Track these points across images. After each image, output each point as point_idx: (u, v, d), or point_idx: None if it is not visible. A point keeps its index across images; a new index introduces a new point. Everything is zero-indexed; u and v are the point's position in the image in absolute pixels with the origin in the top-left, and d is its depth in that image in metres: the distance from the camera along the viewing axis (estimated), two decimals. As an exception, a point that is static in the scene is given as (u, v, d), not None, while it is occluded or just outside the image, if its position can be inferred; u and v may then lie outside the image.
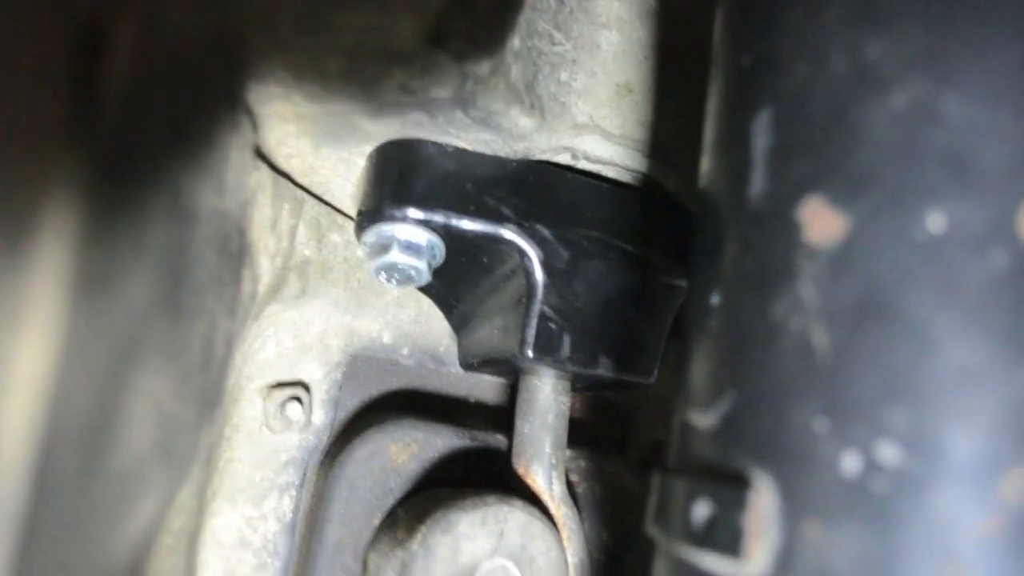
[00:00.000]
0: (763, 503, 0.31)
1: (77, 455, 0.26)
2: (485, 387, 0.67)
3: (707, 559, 0.32)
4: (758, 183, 0.34)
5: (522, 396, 0.60)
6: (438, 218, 0.52)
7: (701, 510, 0.33)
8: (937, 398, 0.28)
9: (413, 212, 0.52)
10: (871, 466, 0.29)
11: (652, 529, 0.37)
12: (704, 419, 0.34)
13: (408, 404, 0.63)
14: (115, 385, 0.29)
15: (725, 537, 0.31)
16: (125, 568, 0.38)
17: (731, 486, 0.32)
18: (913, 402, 0.28)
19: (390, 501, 0.58)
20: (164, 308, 0.32)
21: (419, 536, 0.51)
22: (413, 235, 0.52)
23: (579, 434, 0.64)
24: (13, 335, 0.22)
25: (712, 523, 0.32)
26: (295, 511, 0.59)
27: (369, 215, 0.53)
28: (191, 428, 0.45)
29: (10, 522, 0.22)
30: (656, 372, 0.59)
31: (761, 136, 0.34)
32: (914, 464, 0.28)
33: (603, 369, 0.56)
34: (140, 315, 0.29)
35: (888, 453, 0.28)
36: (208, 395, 0.48)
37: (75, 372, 0.24)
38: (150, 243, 0.29)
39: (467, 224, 0.53)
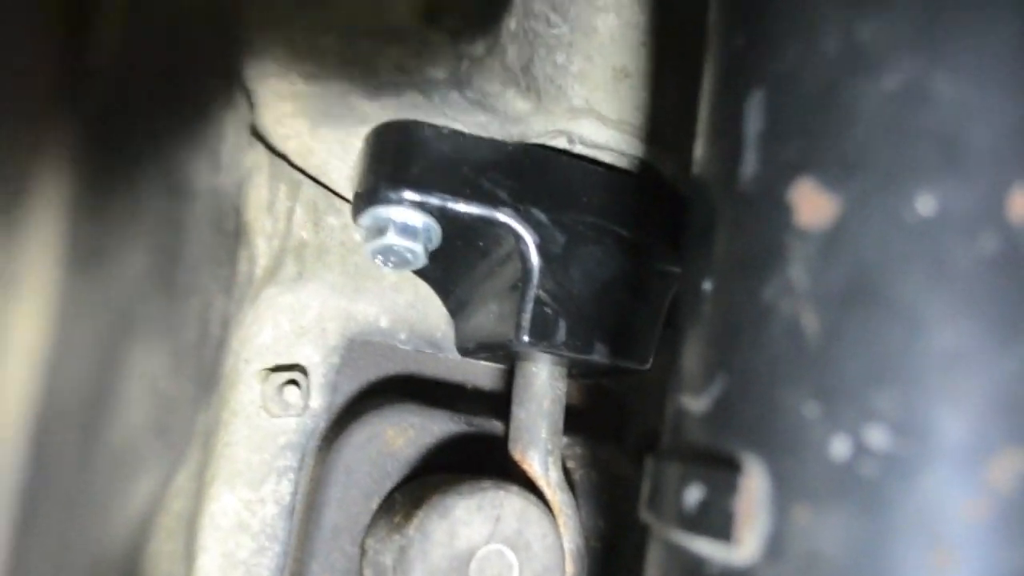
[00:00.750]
0: (754, 487, 0.30)
1: (74, 427, 0.26)
2: (482, 373, 0.67)
3: (699, 543, 0.32)
4: (750, 166, 0.33)
5: (518, 382, 0.59)
6: (434, 200, 0.52)
7: (693, 494, 0.33)
8: (926, 382, 0.28)
9: (409, 194, 0.51)
10: (860, 450, 0.28)
11: (646, 514, 0.37)
12: (696, 403, 0.34)
13: (405, 389, 0.63)
14: (110, 359, 0.29)
15: (716, 521, 0.31)
16: (124, 548, 0.38)
17: (722, 470, 0.32)
18: (902, 386, 0.28)
19: (387, 486, 0.58)
20: (158, 283, 0.32)
21: (416, 521, 0.51)
22: (409, 218, 0.52)
23: (576, 422, 0.63)
24: (9, 303, 0.22)
25: (704, 507, 0.32)
26: (293, 494, 0.59)
27: (365, 197, 0.53)
28: (187, 407, 0.45)
29: (10, 492, 0.22)
30: (652, 359, 0.58)
31: (753, 118, 0.34)
32: (903, 448, 0.28)
33: (598, 355, 0.55)
34: (134, 289, 0.29)
35: (877, 437, 0.28)
36: (204, 375, 0.48)
37: (71, 342, 0.24)
38: (143, 215, 0.29)
39: (463, 207, 0.52)
